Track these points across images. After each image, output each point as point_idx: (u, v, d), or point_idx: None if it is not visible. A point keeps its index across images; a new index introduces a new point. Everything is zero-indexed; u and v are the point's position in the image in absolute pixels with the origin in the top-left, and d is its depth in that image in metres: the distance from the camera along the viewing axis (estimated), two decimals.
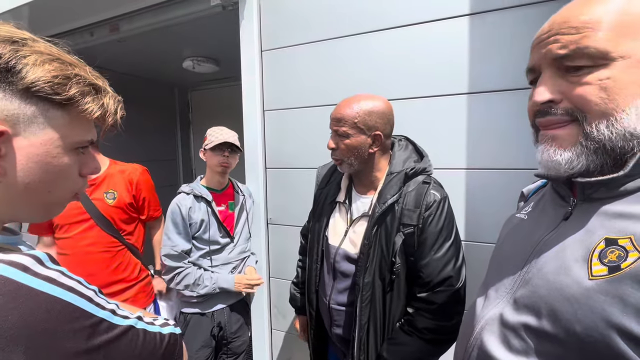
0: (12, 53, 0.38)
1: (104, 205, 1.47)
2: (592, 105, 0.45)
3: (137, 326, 0.44)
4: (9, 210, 0.43)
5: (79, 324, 0.37)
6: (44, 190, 0.43)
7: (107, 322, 0.40)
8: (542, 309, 0.47)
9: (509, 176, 1.27)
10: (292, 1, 1.65)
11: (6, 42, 0.39)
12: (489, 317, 0.55)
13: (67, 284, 0.38)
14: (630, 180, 0.44)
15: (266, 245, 1.88)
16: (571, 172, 0.48)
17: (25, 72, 0.39)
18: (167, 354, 0.47)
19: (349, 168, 1.07)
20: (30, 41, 0.41)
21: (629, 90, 0.43)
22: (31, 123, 0.40)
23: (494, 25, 1.27)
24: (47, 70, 0.40)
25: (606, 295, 0.40)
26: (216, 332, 1.55)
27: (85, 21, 2.19)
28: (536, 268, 0.51)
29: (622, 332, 0.38)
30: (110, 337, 0.40)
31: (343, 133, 1.01)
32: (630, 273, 0.39)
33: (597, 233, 0.45)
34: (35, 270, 0.36)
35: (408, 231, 0.98)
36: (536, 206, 0.64)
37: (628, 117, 0.43)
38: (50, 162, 0.43)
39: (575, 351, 0.43)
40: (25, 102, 0.40)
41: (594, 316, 0.41)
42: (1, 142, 0.38)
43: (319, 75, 1.63)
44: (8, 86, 0.38)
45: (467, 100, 1.35)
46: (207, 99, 4.12)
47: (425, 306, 0.98)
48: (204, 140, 1.56)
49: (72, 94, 0.42)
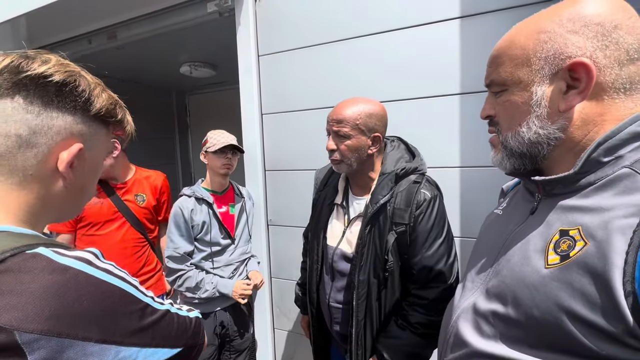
0: (88, 87, 0.49)
1: (136, 207, 1.69)
2: (501, 121, 0.57)
3: (171, 310, 0.51)
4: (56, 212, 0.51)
5: (133, 307, 0.44)
6: (88, 191, 0.55)
7: (151, 306, 0.47)
8: (507, 297, 0.51)
9: (500, 174, 1.29)
10: (287, 7, 1.69)
11: (81, 77, 0.49)
12: (464, 307, 0.60)
13: (119, 274, 0.45)
14: (582, 177, 0.49)
15: (267, 246, 1.91)
16: (504, 170, 0.60)
17: (95, 101, 0.50)
18: (195, 333, 0.55)
19: (347, 168, 1.08)
20: (84, 73, 0.50)
21: (521, 109, 0.53)
22: (92, 140, 0.51)
23: (485, 27, 1.31)
24: (105, 99, 0.51)
25: (558, 281, 0.45)
26: (219, 331, 1.58)
27: (84, 29, 2.22)
28: (505, 259, 0.56)
29: (571, 315, 0.43)
30: (155, 319, 0.46)
31: (344, 134, 1.02)
32: (577, 260, 0.44)
33: (554, 225, 0.50)
34: (96, 264, 0.43)
35: (400, 230, 1.01)
36: (510, 202, 0.69)
37: (523, 129, 0.53)
38: (97, 169, 0.55)
39: (534, 333, 0.47)
40: (92, 124, 0.51)
41: (549, 301, 0.45)
42: (76, 157, 0.48)
43: (315, 78, 1.66)
44: (85, 113, 0.49)
45: (460, 101, 1.39)
46: (205, 103, 4.15)
47: (418, 301, 1.01)
48: (204, 143, 1.58)
49: (121, 117, 0.55)
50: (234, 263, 1.63)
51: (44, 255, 0.39)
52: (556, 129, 0.50)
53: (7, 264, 0.37)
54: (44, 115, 0.45)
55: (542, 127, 0.51)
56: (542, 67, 0.50)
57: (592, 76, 0.46)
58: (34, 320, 0.35)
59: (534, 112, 0.51)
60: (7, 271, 0.36)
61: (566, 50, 0.47)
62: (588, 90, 0.47)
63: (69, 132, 0.47)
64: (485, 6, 1.30)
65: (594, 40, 0.46)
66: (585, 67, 0.46)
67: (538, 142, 0.52)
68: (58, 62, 0.47)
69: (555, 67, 0.49)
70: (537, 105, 0.51)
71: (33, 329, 0.35)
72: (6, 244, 0.39)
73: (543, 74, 0.50)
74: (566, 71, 0.48)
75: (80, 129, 0.49)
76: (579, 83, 0.47)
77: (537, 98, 0.51)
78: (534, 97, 0.51)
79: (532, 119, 0.52)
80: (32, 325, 0.35)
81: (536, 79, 0.51)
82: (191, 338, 0.53)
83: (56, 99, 0.46)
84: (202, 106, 4.20)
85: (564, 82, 0.49)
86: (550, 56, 0.49)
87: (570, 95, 0.48)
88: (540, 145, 0.52)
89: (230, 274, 1.61)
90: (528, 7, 1.23)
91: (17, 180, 0.44)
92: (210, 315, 1.56)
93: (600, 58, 0.46)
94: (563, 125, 0.50)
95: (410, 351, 1.01)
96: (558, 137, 0.51)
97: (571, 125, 0.49)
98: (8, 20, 2.10)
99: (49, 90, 0.45)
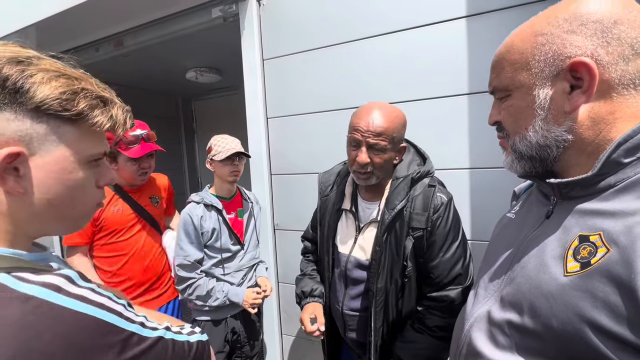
0: (18, 73, 0.38)
1: (152, 209, 1.69)
2: (507, 126, 0.57)
3: (166, 336, 0.45)
4: (36, 226, 0.44)
5: (110, 339, 0.38)
6: (67, 205, 0.45)
7: (137, 335, 0.41)
8: (523, 306, 0.49)
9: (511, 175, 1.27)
10: (291, 10, 1.69)
11: (12, 62, 0.39)
12: (478, 315, 0.58)
13: (97, 300, 0.39)
14: (601, 179, 0.47)
15: (274, 251, 1.90)
16: (515, 172, 0.59)
17: (33, 91, 0.39)
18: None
19: (375, 181, 1.02)
20: (35, 59, 0.41)
21: (526, 112, 0.53)
22: (45, 141, 0.41)
23: (494, 25, 1.29)
24: (54, 87, 0.40)
25: (578, 290, 0.43)
26: (230, 337, 1.57)
27: (90, 38, 2.25)
28: (520, 266, 0.54)
29: (593, 326, 0.41)
30: (141, 350, 0.41)
31: (382, 148, 0.95)
32: (599, 268, 0.41)
33: (573, 230, 0.48)
34: (68, 290, 0.37)
35: (417, 235, 0.99)
36: (523, 205, 0.68)
37: (529, 133, 0.53)
38: (67, 177, 0.43)
39: (553, 345, 0.45)
40: (37, 121, 0.40)
41: (569, 311, 0.43)
42: (18, 163, 0.39)
43: (320, 81, 1.66)
44: (19, 107, 0.39)
45: (469, 101, 1.36)
46: (211, 108, 4.17)
47: (436, 304, 0.99)
48: (209, 150, 1.56)
49: (81, 109, 0.42)
50: (244, 269, 1.62)
51: (1, 283, 0.34)
52: (563, 130, 0.50)
53: None
54: None
55: (549, 129, 0.50)
56: (542, 69, 0.49)
57: (594, 74, 0.45)
58: None
59: (539, 115, 0.51)
60: None
61: (565, 50, 0.47)
62: (592, 89, 0.46)
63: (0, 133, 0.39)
64: (493, 4, 1.29)
65: (593, 38, 0.45)
66: (586, 66, 0.45)
67: (546, 145, 0.52)
68: None
69: (556, 68, 0.48)
70: (541, 108, 0.50)
71: None
72: None
73: (544, 77, 0.49)
74: (567, 71, 0.47)
75: (16, 129, 0.39)
76: (582, 82, 0.46)
77: (540, 101, 0.50)
78: (537, 100, 0.50)
79: (538, 122, 0.51)
80: None
81: (537, 81, 0.50)
82: None
83: None
84: (208, 111, 4.22)
85: (567, 83, 0.48)
86: (549, 58, 0.48)
87: (575, 96, 0.48)
88: (549, 148, 0.52)
89: (240, 280, 1.60)
90: (536, 5, 1.21)
91: None
92: (221, 322, 1.55)
93: (603, 55, 0.45)
94: (570, 126, 0.49)
95: (429, 355, 1.00)
96: (567, 139, 0.50)
97: (580, 126, 0.48)
98: (18, 30, 2.14)
99: None
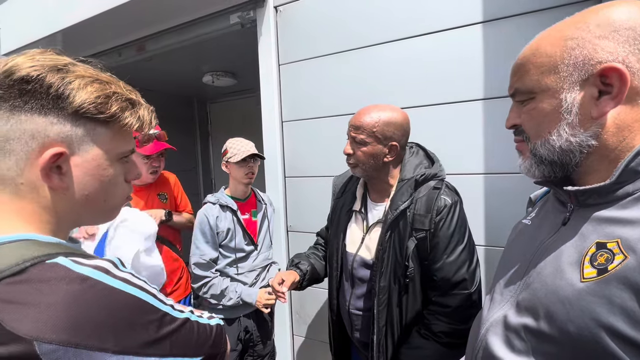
0: (59, 81, 0.42)
1: (161, 205, 1.76)
2: (528, 129, 0.57)
3: (191, 318, 0.50)
4: (74, 218, 0.49)
5: (150, 316, 0.43)
6: (101, 199, 0.50)
7: (170, 315, 0.46)
8: (540, 311, 0.50)
9: (526, 180, 1.26)
10: (307, 17, 1.72)
11: (53, 70, 0.42)
12: (494, 320, 0.58)
13: (138, 283, 0.44)
14: (619, 187, 0.47)
15: (287, 252, 1.93)
16: (533, 177, 0.59)
17: (73, 96, 0.43)
18: (216, 342, 0.53)
19: (362, 173, 1.10)
20: (71, 66, 0.45)
21: (550, 116, 0.52)
22: (83, 142, 0.45)
23: (508, 31, 1.29)
24: (90, 92, 0.44)
25: (595, 296, 0.43)
26: (243, 336, 1.60)
27: (114, 43, 2.34)
28: (536, 272, 0.54)
29: (610, 331, 0.41)
30: (173, 328, 0.45)
31: (360, 141, 1.03)
32: (616, 275, 0.42)
33: (590, 237, 0.48)
34: (115, 273, 0.42)
35: (420, 236, 1.00)
36: (540, 212, 0.67)
37: (553, 137, 0.52)
38: (101, 174, 0.48)
39: (569, 350, 0.46)
40: (76, 123, 0.44)
41: (585, 316, 0.44)
42: (61, 162, 0.44)
43: (334, 86, 1.68)
44: (60, 111, 0.43)
45: (483, 106, 1.37)
46: (226, 111, 4.24)
47: (440, 309, 0.99)
48: (224, 152, 1.60)
49: (114, 111, 0.46)
50: (257, 269, 1.66)
51: (62, 265, 0.39)
52: (589, 136, 0.49)
53: (27, 274, 0.37)
54: (13, 120, 0.41)
55: (574, 134, 0.50)
56: (571, 73, 0.49)
57: (626, 81, 0.45)
58: (52, 330, 0.35)
59: (565, 120, 0.50)
60: (26, 281, 0.36)
61: (596, 55, 0.47)
62: (622, 95, 0.46)
63: (45, 135, 0.42)
64: (507, 11, 1.29)
65: (625, 45, 0.45)
66: (617, 72, 0.45)
67: (570, 149, 0.51)
68: (29, 57, 0.42)
69: (586, 73, 0.48)
70: (567, 112, 0.50)
71: (51, 339, 0.34)
72: (28, 253, 0.39)
73: (572, 81, 0.49)
74: (597, 77, 0.47)
75: (58, 131, 0.43)
76: (612, 88, 0.46)
77: (567, 105, 0.50)
78: (564, 104, 0.50)
79: (563, 127, 0.51)
80: (50, 336, 0.34)
81: (565, 85, 0.49)
82: (212, 347, 0.52)
83: (21, 100, 0.41)
84: (223, 114, 4.30)
85: (596, 88, 0.48)
86: (579, 62, 0.48)
87: (603, 101, 0.47)
88: (572, 153, 0.51)
89: (253, 280, 1.64)
90: (551, 11, 1.20)
91: (11, 189, 0.43)
92: (234, 321, 1.59)
93: (634, 62, 0.45)
94: (596, 132, 0.49)
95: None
96: (591, 145, 0.49)
97: (605, 132, 0.48)
98: (46, 37, 2.24)
99: (13, 91, 0.41)
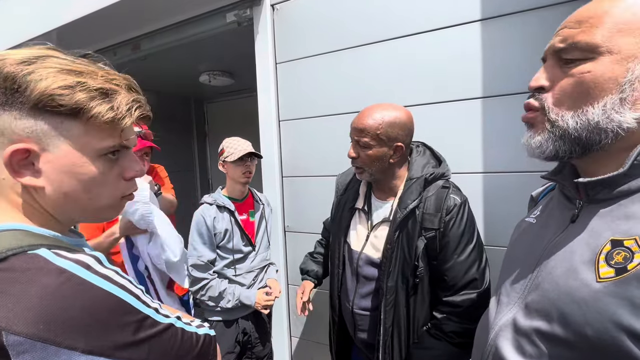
0: (17, 73, 0.40)
1: None
2: (564, 96, 0.48)
3: (176, 325, 0.47)
4: (62, 215, 0.47)
5: (128, 318, 0.41)
6: (84, 198, 0.46)
7: (151, 318, 0.43)
8: (552, 313, 0.47)
9: (525, 179, 1.27)
10: (303, 15, 1.71)
11: (18, 63, 0.40)
12: (502, 324, 0.56)
13: (120, 282, 0.42)
14: (631, 179, 0.45)
15: (284, 253, 1.91)
16: (543, 155, 0.51)
17: (30, 89, 0.40)
18: (202, 353, 0.50)
19: (369, 177, 1.08)
20: (42, 59, 0.42)
21: (604, 85, 0.44)
22: (51, 137, 0.42)
23: (508, 29, 1.28)
24: (49, 83, 0.40)
25: (615, 297, 0.41)
26: (241, 338, 1.58)
27: (110, 42, 2.31)
28: (545, 272, 0.51)
29: (632, 334, 0.39)
30: (153, 332, 0.43)
31: (365, 144, 1.01)
32: (637, 274, 0.40)
33: (603, 235, 0.46)
34: (96, 269, 0.41)
35: (430, 235, 0.98)
36: (544, 209, 0.64)
37: (594, 110, 0.45)
38: (78, 171, 0.44)
39: (587, 354, 0.43)
40: (38, 118, 0.41)
41: (603, 319, 0.41)
42: (33, 159, 0.42)
43: (332, 85, 1.67)
44: (21, 106, 0.40)
45: (482, 104, 1.36)
46: (222, 110, 4.22)
47: (452, 309, 0.98)
48: (221, 152, 1.58)
49: (77, 102, 0.42)
50: (255, 270, 1.64)
51: (42, 256, 0.38)
52: (634, 118, 0.43)
53: (7, 263, 0.37)
54: None
55: (621, 112, 0.43)
56: None
57: None
58: (22, 322, 0.34)
59: (620, 93, 0.43)
60: (6, 270, 0.36)
61: None
62: None
63: (11, 131, 0.40)
64: (508, 8, 1.28)
65: None
66: None
67: (606, 128, 0.44)
68: (3, 52, 0.41)
69: None
70: (629, 85, 0.43)
71: (19, 331, 0.33)
72: (14, 242, 0.38)
73: None
74: None
75: (23, 127, 0.41)
76: None
77: (631, 77, 0.43)
78: (629, 74, 0.43)
79: (615, 100, 0.43)
80: (19, 328, 0.34)
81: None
82: (198, 357, 0.48)
83: None
84: (220, 114, 4.27)
85: None
86: None
87: None
88: (605, 132, 0.45)
89: (251, 281, 1.62)
90: (551, 8, 1.19)
91: None
92: (233, 323, 1.56)
93: None
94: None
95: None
96: (629, 128, 0.44)
97: None
98: (40, 35, 2.21)
99: None
